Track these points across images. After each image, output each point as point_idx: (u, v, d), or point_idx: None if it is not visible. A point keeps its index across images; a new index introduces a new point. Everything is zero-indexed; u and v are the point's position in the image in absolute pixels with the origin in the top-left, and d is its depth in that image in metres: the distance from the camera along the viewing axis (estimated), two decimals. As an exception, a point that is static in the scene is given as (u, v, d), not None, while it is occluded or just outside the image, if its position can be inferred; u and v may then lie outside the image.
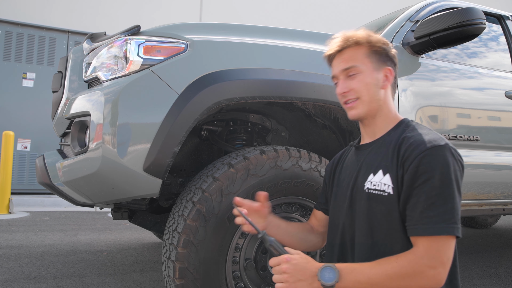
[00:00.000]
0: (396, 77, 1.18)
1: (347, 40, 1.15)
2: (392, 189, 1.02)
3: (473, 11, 1.76)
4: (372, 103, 1.13)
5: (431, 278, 0.93)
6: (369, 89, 1.13)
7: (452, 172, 0.96)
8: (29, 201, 5.15)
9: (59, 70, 1.87)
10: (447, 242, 0.94)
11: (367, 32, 1.16)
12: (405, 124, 1.12)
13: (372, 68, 1.14)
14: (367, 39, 1.14)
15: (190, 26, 1.55)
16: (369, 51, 1.14)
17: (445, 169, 0.96)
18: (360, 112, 1.14)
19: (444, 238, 0.94)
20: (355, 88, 1.13)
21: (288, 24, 7.16)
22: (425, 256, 0.93)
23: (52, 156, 1.63)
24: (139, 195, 1.43)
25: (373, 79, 1.13)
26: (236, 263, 1.47)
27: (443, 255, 0.93)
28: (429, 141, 1.00)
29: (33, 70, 5.86)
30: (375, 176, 1.07)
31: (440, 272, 0.93)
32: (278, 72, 1.54)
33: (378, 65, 1.14)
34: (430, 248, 0.94)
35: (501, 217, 5.17)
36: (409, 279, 0.93)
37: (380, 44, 1.15)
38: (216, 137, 1.88)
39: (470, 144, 2.08)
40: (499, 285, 2.41)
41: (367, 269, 0.96)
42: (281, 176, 1.50)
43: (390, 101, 1.17)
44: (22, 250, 2.80)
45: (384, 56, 1.15)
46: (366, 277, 0.95)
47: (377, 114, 1.14)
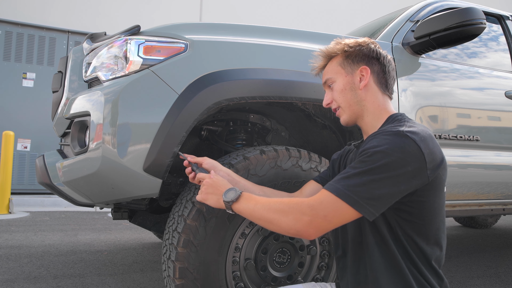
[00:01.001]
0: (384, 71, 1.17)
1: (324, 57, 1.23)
2: None
3: (473, 11, 1.76)
4: (353, 106, 1.16)
5: (303, 224, 0.96)
6: (345, 95, 1.16)
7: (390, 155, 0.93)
8: (29, 201, 5.15)
9: (59, 70, 1.87)
10: (339, 206, 0.94)
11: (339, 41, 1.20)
12: (392, 119, 1.11)
13: (345, 74, 1.17)
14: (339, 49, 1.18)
15: (190, 26, 1.55)
16: (342, 58, 1.18)
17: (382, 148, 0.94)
18: (346, 118, 1.19)
19: (337, 200, 0.94)
20: (333, 97, 1.19)
21: (288, 24, 7.16)
22: (310, 204, 0.97)
23: (52, 156, 1.63)
24: (139, 195, 1.43)
25: (347, 84, 1.16)
26: (236, 263, 1.47)
27: (327, 212, 0.95)
28: (385, 129, 1.01)
29: (33, 70, 5.86)
30: None
31: (315, 222, 0.95)
32: (278, 72, 1.54)
33: (351, 68, 1.16)
34: (320, 201, 0.96)
35: (501, 217, 5.17)
36: (285, 215, 0.98)
37: (347, 47, 1.17)
38: (216, 137, 1.88)
39: (470, 144, 2.08)
40: (499, 285, 2.41)
41: (260, 199, 1.06)
42: (281, 176, 1.50)
43: (376, 98, 1.15)
44: (22, 250, 2.80)
45: (358, 57, 1.16)
46: (253, 203, 1.06)
47: (364, 114, 1.16)
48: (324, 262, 1.63)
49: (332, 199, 0.95)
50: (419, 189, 0.97)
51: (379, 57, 1.17)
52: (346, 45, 1.18)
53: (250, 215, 1.06)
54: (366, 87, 1.15)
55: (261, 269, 1.51)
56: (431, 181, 0.98)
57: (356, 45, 1.17)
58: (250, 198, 1.09)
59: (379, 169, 0.93)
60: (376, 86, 1.16)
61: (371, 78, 1.15)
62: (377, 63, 1.17)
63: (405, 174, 0.93)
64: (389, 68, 1.18)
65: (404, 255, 1.01)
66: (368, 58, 1.16)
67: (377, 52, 1.17)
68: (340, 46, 1.19)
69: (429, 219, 1.01)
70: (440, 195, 1.03)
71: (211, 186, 1.17)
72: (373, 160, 0.94)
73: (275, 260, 1.54)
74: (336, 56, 1.20)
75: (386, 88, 1.18)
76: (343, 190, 0.94)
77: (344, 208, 0.94)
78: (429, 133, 1.01)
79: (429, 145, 0.97)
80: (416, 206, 1.00)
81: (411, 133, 0.96)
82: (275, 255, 1.54)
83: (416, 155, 0.94)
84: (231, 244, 1.44)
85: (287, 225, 0.98)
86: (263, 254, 1.51)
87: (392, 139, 0.96)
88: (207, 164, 1.33)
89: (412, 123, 1.04)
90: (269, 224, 1.02)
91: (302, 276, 1.58)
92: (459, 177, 2.05)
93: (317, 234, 0.97)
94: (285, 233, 1.01)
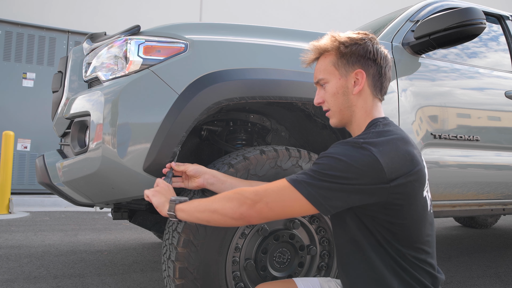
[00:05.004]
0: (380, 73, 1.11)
1: (315, 51, 1.16)
2: None
3: (473, 11, 1.76)
4: (343, 111, 1.12)
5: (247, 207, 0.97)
6: (337, 99, 1.11)
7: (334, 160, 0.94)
8: (29, 201, 5.15)
9: (59, 70, 1.87)
10: (283, 189, 0.96)
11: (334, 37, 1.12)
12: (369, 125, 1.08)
13: (339, 76, 1.10)
14: (333, 47, 1.10)
15: (190, 26, 1.55)
16: (336, 57, 1.11)
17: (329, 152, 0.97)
18: (335, 122, 1.16)
19: (281, 185, 0.97)
20: (325, 98, 1.15)
21: (288, 24, 7.16)
22: (255, 189, 0.99)
23: (52, 156, 1.63)
24: (139, 195, 1.43)
25: (340, 88, 1.10)
26: (236, 263, 1.47)
27: (269, 196, 0.96)
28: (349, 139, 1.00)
29: (33, 70, 5.85)
30: None
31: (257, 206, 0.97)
32: (278, 72, 1.54)
33: (346, 70, 1.10)
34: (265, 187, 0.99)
35: (501, 217, 5.17)
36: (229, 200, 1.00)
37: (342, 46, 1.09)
38: (216, 137, 1.88)
39: (470, 144, 2.08)
40: (499, 285, 2.41)
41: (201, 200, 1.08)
42: (281, 176, 1.49)
43: (366, 103, 1.11)
44: (22, 250, 2.80)
45: (353, 58, 1.09)
46: (197, 201, 1.08)
47: (353, 119, 1.12)
48: (324, 262, 1.63)
49: (280, 186, 0.97)
50: (388, 199, 0.95)
51: (376, 57, 1.09)
52: (341, 44, 1.09)
53: (195, 210, 1.07)
54: (359, 92, 1.10)
55: (261, 269, 1.50)
56: (400, 191, 0.95)
57: (352, 43, 1.09)
58: (192, 201, 1.11)
59: (327, 176, 0.94)
60: (369, 89, 1.11)
61: (366, 81, 1.09)
62: (373, 65, 1.10)
63: (355, 185, 0.93)
64: (385, 70, 1.12)
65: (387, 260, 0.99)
66: (364, 59, 1.09)
67: (374, 52, 1.09)
68: (335, 44, 1.10)
69: (408, 224, 0.99)
70: (416, 201, 0.99)
71: (165, 190, 1.23)
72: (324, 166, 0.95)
73: (275, 260, 1.54)
74: (329, 53, 1.12)
75: (379, 91, 1.13)
76: (296, 179, 0.96)
77: (292, 196, 0.95)
78: (395, 143, 0.98)
79: (390, 156, 0.94)
80: (391, 214, 0.98)
81: (368, 144, 0.95)
82: (275, 255, 1.54)
83: (371, 166, 0.93)
84: (231, 244, 1.43)
85: (232, 209, 0.99)
86: (263, 254, 1.51)
87: (347, 149, 0.96)
88: (191, 171, 1.33)
89: (381, 130, 1.01)
90: (213, 214, 1.03)
91: (302, 276, 1.58)
92: (459, 177, 2.04)
93: (259, 219, 0.99)
94: (230, 220, 1.01)
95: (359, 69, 1.09)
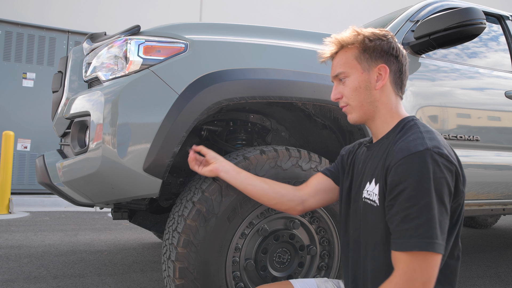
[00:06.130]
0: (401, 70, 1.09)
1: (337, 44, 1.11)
2: (379, 200, 0.99)
3: (473, 11, 1.76)
4: (365, 106, 1.08)
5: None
6: (359, 93, 1.07)
7: (431, 180, 0.87)
8: (29, 201, 5.15)
9: (59, 70, 1.87)
10: (426, 260, 0.85)
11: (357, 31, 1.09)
12: (403, 124, 1.05)
13: (361, 70, 1.07)
14: (357, 40, 1.07)
15: (190, 26, 1.55)
16: (358, 51, 1.08)
17: (422, 177, 0.87)
18: (355, 117, 1.11)
19: (422, 255, 0.85)
20: (344, 93, 1.10)
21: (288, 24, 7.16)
22: (401, 282, 0.86)
23: (52, 156, 1.63)
24: (139, 195, 1.43)
25: (362, 82, 1.07)
26: (236, 263, 1.47)
27: (423, 276, 0.85)
28: (408, 148, 0.92)
29: (33, 70, 5.85)
30: (370, 185, 1.04)
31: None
32: (278, 72, 1.54)
33: (369, 65, 1.07)
34: (408, 269, 0.86)
35: (501, 217, 5.16)
36: None
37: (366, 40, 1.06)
38: (216, 137, 1.88)
39: (470, 144, 2.08)
40: (499, 285, 2.41)
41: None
42: (281, 176, 1.50)
43: (390, 100, 1.08)
44: (22, 250, 2.80)
45: (377, 53, 1.06)
46: None
47: (376, 115, 1.09)
48: (324, 262, 1.63)
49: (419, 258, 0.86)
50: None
51: (398, 54, 1.08)
52: (366, 38, 1.06)
53: None
54: (382, 87, 1.07)
55: (261, 269, 1.50)
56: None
57: (376, 38, 1.06)
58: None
59: (427, 197, 0.87)
60: (391, 86, 1.08)
61: (388, 78, 1.07)
62: (395, 62, 1.08)
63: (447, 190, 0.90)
64: (406, 67, 1.10)
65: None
66: (387, 55, 1.06)
67: (397, 48, 1.08)
68: (359, 38, 1.07)
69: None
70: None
71: None
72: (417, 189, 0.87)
73: (275, 260, 1.54)
74: (351, 47, 1.08)
75: (400, 88, 1.11)
76: (418, 241, 0.85)
77: (433, 258, 0.86)
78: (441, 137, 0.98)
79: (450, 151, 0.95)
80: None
81: (437, 148, 0.91)
82: (275, 255, 1.54)
83: (450, 170, 0.91)
84: (231, 244, 1.43)
85: None
86: (263, 254, 1.51)
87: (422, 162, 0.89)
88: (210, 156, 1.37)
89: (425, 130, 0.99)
90: None
91: (302, 276, 1.58)
92: (459, 177, 2.04)
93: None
94: None
95: (382, 64, 1.07)
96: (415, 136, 0.96)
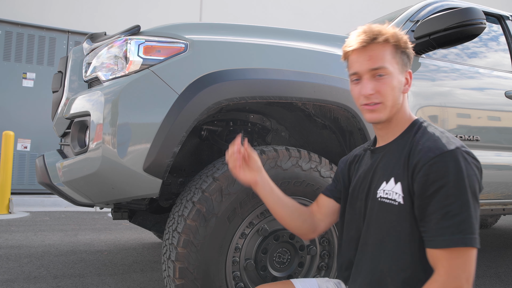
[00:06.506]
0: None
1: (376, 36, 1.04)
2: (403, 199, 0.99)
3: (473, 11, 1.76)
4: (395, 107, 1.07)
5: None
6: (395, 93, 1.05)
7: (466, 178, 0.90)
8: (29, 201, 5.15)
9: (59, 70, 1.87)
10: (467, 256, 0.88)
11: (395, 29, 1.07)
12: (417, 126, 1.07)
13: (399, 71, 1.06)
14: (396, 38, 1.05)
15: (190, 26, 1.55)
16: (395, 51, 1.06)
17: (458, 175, 0.90)
18: (382, 117, 1.07)
19: (463, 251, 0.88)
20: (381, 91, 1.05)
21: (288, 24, 7.16)
22: (447, 280, 0.88)
23: (52, 156, 1.63)
24: (139, 195, 1.43)
25: (398, 83, 1.06)
26: (236, 263, 1.47)
27: (466, 272, 0.88)
28: (437, 147, 0.94)
29: (33, 70, 5.86)
30: (387, 184, 1.04)
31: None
32: (278, 72, 1.54)
33: (402, 67, 1.07)
34: (451, 267, 0.88)
35: (501, 217, 5.16)
36: None
37: (406, 44, 1.07)
38: (216, 137, 1.88)
39: (470, 144, 2.08)
40: (499, 285, 2.41)
41: None
42: (281, 176, 1.50)
43: (406, 104, 1.11)
44: (22, 250, 2.80)
45: (407, 58, 1.08)
46: None
47: (394, 117, 1.09)
48: (324, 262, 1.63)
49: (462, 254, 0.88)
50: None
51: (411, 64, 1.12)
52: (405, 41, 1.06)
53: None
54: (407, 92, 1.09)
55: (261, 269, 1.51)
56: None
57: (410, 45, 1.08)
58: None
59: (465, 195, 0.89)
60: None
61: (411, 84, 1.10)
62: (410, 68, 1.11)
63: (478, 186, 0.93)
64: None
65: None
66: (410, 62, 1.10)
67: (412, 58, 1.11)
68: (399, 38, 1.05)
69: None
70: None
71: None
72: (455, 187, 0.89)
73: (275, 260, 1.54)
74: (390, 44, 1.05)
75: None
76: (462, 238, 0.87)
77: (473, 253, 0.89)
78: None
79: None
80: None
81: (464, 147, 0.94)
82: (275, 255, 1.54)
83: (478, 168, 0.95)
84: (231, 244, 1.43)
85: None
86: (263, 254, 1.51)
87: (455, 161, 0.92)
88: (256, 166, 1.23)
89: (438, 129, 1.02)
90: None
91: (302, 276, 1.58)
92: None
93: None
94: None
95: (409, 70, 1.09)
96: (439, 135, 0.99)
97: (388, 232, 1.02)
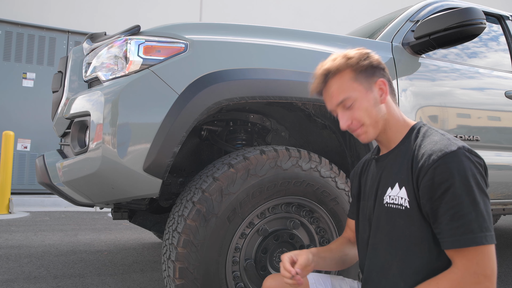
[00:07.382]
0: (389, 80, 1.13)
1: (326, 73, 1.11)
2: (409, 203, 1.00)
3: (473, 11, 1.76)
4: (379, 123, 1.09)
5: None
6: (370, 112, 1.08)
7: (471, 177, 0.91)
8: (29, 201, 5.15)
9: (59, 70, 1.87)
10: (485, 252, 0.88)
11: (343, 55, 1.10)
12: (417, 130, 1.08)
13: (364, 90, 1.08)
14: (346, 64, 1.08)
15: (190, 26, 1.55)
16: (352, 74, 1.09)
17: (462, 175, 0.91)
18: (370, 136, 1.11)
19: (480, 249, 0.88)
20: (356, 117, 1.09)
21: (288, 24, 7.16)
22: (466, 274, 0.89)
23: (52, 156, 1.63)
24: (139, 195, 1.43)
25: (370, 101, 1.08)
26: (236, 263, 1.47)
27: (485, 268, 0.88)
28: (440, 149, 0.95)
29: (33, 70, 5.86)
30: (392, 190, 1.05)
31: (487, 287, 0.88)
32: (278, 72, 1.54)
33: (368, 83, 1.09)
34: (469, 262, 0.89)
35: (501, 217, 5.16)
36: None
37: (360, 61, 1.08)
38: (216, 137, 1.88)
39: (470, 144, 2.08)
40: (499, 285, 2.41)
41: None
42: (281, 176, 1.50)
43: (394, 109, 1.12)
44: (22, 250, 2.80)
45: (370, 70, 1.09)
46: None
47: (386, 127, 1.11)
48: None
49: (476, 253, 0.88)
50: None
51: (383, 66, 1.12)
52: (358, 59, 1.08)
53: None
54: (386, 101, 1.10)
55: (261, 269, 1.50)
56: None
57: (365, 57, 1.09)
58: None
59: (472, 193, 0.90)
60: (389, 96, 1.12)
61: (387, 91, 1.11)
62: (384, 73, 1.12)
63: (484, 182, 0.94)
64: (389, 76, 1.14)
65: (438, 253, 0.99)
66: (377, 69, 1.10)
67: (381, 61, 1.12)
68: (351, 61, 1.08)
69: None
70: None
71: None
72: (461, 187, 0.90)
73: (275, 260, 1.54)
74: (343, 72, 1.09)
75: (394, 96, 1.14)
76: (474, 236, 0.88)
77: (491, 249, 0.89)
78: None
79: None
80: None
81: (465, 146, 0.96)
82: (275, 255, 1.54)
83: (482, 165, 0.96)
84: (231, 244, 1.44)
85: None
86: (263, 254, 1.51)
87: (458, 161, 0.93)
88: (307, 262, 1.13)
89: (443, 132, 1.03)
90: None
91: (302, 276, 1.58)
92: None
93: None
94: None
95: (380, 78, 1.10)
96: (440, 138, 1.00)
97: (398, 237, 1.03)
